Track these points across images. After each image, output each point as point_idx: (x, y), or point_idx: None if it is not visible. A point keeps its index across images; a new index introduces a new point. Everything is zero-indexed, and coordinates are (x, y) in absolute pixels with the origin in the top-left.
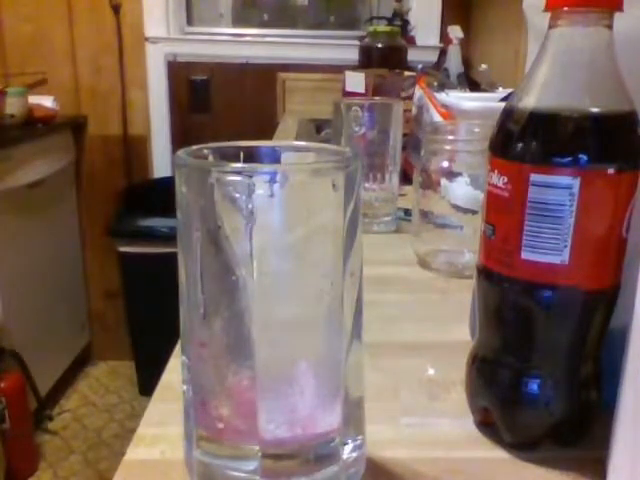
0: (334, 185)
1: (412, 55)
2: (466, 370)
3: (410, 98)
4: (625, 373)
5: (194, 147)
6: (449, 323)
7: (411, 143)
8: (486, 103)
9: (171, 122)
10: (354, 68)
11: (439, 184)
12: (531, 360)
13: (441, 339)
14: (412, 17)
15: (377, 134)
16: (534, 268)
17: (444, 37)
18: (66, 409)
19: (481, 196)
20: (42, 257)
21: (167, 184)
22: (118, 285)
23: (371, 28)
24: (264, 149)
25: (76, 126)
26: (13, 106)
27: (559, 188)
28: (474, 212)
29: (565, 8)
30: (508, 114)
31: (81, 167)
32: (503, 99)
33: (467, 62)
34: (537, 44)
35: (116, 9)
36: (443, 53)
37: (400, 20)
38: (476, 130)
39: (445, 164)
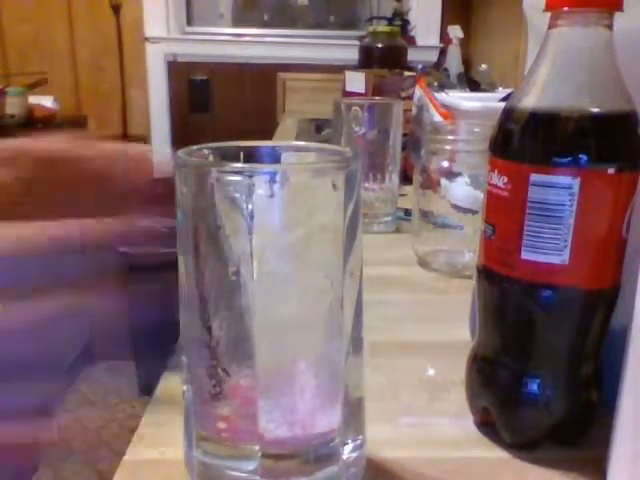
0: (334, 185)
1: (412, 55)
2: (466, 370)
3: (410, 98)
4: (625, 373)
5: (194, 147)
6: (449, 323)
7: (411, 143)
8: (486, 103)
9: (171, 122)
10: (354, 68)
11: (439, 184)
12: (531, 360)
13: (441, 339)
14: (412, 17)
15: (377, 134)
16: (534, 268)
17: (444, 37)
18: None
19: (481, 196)
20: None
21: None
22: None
23: (371, 28)
24: (264, 149)
25: (76, 126)
26: (13, 106)
27: (559, 188)
28: (474, 212)
29: (565, 8)
30: (508, 114)
31: None
32: (503, 99)
33: (467, 62)
34: (537, 44)
35: (116, 9)
36: (443, 53)
37: (400, 20)
38: (476, 130)
39: (445, 164)
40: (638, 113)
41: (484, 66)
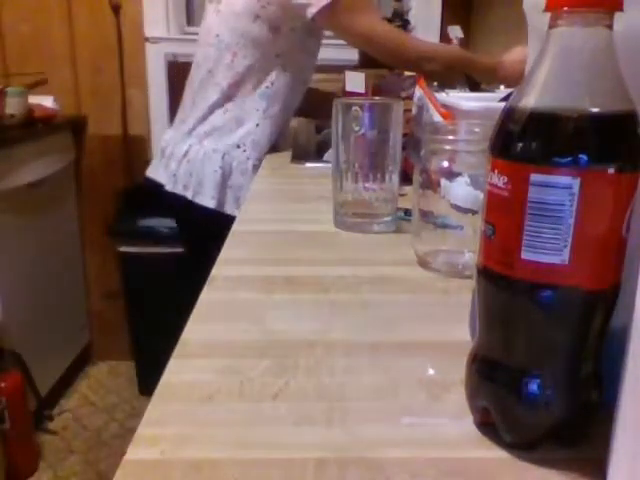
0: None
1: None
2: (466, 370)
3: (410, 98)
4: (625, 373)
5: None
6: (449, 323)
7: (411, 143)
8: (486, 103)
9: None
10: (354, 68)
11: (439, 184)
12: (531, 360)
13: (441, 339)
14: (412, 17)
15: (377, 134)
16: (534, 268)
17: (444, 37)
18: (66, 409)
19: (481, 196)
20: (42, 257)
21: None
22: (118, 285)
23: None
24: None
25: (76, 126)
26: (13, 106)
27: (559, 188)
28: (474, 212)
29: (565, 8)
30: (508, 114)
31: (81, 167)
32: (503, 99)
33: None
34: (537, 44)
35: (116, 9)
36: None
37: (400, 20)
38: (476, 130)
39: (445, 164)
40: (638, 113)
41: None
